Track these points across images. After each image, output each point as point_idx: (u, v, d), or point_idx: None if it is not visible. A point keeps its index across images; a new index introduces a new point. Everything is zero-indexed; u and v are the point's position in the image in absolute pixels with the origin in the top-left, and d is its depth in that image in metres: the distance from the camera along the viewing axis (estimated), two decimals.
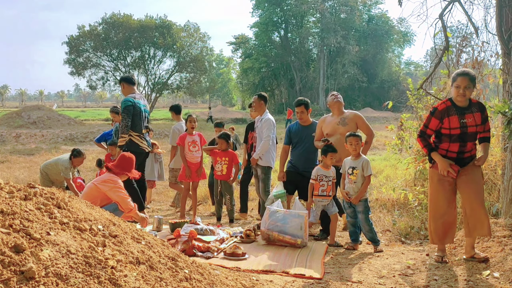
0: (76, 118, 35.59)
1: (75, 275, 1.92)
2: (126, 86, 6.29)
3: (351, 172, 5.00)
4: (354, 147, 4.98)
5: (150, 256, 2.47)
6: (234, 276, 3.26)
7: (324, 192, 5.33)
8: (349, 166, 5.03)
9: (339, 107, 5.71)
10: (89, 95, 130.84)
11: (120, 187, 4.98)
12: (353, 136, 5.02)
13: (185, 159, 6.56)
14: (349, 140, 5.02)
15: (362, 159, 5.03)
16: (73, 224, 2.33)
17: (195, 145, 6.58)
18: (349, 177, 5.00)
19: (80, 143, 21.27)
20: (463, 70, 4.22)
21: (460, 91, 4.06)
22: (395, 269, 4.22)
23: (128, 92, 6.24)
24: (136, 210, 5.10)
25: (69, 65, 42.62)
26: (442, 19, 5.69)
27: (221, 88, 77.46)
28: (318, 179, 5.34)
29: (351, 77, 50.19)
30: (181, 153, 6.63)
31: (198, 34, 47.18)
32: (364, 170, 5.00)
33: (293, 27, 53.51)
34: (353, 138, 4.99)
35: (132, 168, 5.24)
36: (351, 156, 5.08)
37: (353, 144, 4.98)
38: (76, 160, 7.17)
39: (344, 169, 5.09)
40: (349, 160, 5.08)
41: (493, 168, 5.75)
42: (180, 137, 6.64)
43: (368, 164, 5.03)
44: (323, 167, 5.38)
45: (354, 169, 4.98)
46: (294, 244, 5.00)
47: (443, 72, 6.56)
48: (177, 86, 46.67)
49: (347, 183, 5.05)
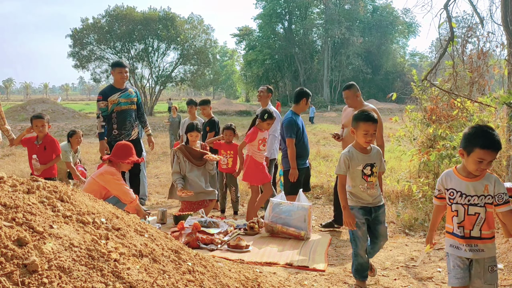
0: (80, 111, 35.71)
1: (78, 268, 1.93)
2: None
3: (369, 172, 3.51)
4: (370, 136, 3.46)
5: (153, 249, 2.47)
6: (238, 268, 3.27)
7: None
8: (366, 163, 3.51)
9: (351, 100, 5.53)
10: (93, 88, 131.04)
11: (118, 179, 4.90)
12: (371, 121, 3.45)
13: (253, 159, 5.82)
14: (364, 127, 3.44)
15: (375, 149, 3.63)
16: (76, 217, 2.33)
17: (265, 144, 5.88)
18: (368, 179, 3.51)
19: (85, 136, 21.25)
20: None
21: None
22: (398, 261, 4.22)
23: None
24: (137, 201, 5.08)
25: (73, 58, 42.62)
26: (447, 9, 5.63)
27: (225, 81, 77.33)
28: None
29: (356, 69, 49.97)
30: (240, 151, 6.09)
31: (202, 26, 47.02)
32: (380, 165, 3.64)
33: (297, 19, 53.25)
34: (371, 124, 3.45)
35: (129, 155, 5.09)
36: (353, 148, 3.57)
37: (369, 132, 3.44)
38: (73, 139, 6.86)
39: (346, 168, 3.53)
40: (359, 155, 3.52)
41: (498, 159, 5.71)
42: (252, 133, 5.80)
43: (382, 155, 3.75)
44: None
45: (373, 167, 3.53)
46: (298, 236, 5.00)
47: (448, 63, 6.51)
48: (181, 79, 46.61)
49: (361, 190, 3.52)
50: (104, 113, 5.94)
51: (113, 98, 5.94)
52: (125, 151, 5.10)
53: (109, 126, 5.98)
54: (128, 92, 6.08)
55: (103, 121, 5.95)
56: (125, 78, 6.07)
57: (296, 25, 53.42)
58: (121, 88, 6.05)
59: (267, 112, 5.76)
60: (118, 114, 5.97)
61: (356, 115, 3.54)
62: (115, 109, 5.95)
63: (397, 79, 50.43)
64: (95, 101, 6.31)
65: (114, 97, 5.95)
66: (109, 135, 6.00)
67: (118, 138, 5.94)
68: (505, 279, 3.59)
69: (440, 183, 2.87)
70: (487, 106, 6.16)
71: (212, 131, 6.99)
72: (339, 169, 3.54)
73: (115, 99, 5.95)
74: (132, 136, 6.11)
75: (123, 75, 6.01)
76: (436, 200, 2.95)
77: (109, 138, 5.99)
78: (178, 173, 5.99)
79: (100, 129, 5.96)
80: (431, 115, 7.32)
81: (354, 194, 3.54)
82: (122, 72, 6.00)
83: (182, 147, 6.07)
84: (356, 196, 3.54)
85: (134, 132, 6.17)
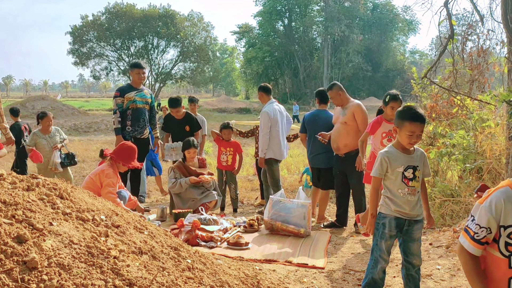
0: (80, 108, 35.68)
1: (78, 265, 1.93)
2: None
3: (411, 175, 3.02)
4: (416, 138, 2.98)
5: (153, 246, 2.48)
6: (237, 266, 3.28)
7: None
8: (408, 165, 3.02)
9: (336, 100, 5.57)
10: (93, 85, 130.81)
11: (110, 185, 4.80)
12: (419, 121, 2.95)
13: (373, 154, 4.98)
14: (410, 127, 2.94)
15: (419, 151, 3.14)
16: (76, 214, 2.33)
17: (390, 139, 4.73)
18: (409, 183, 3.01)
19: (84, 133, 21.36)
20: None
21: None
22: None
23: None
24: (123, 205, 4.95)
25: (73, 55, 42.66)
26: (447, 7, 5.63)
27: (225, 78, 77.22)
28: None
29: (356, 66, 49.92)
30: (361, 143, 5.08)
31: (202, 23, 47.02)
32: (424, 169, 3.13)
33: (297, 16, 53.16)
34: (419, 125, 2.94)
35: (131, 159, 5.06)
36: (393, 148, 3.09)
37: (416, 133, 2.95)
38: (43, 122, 6.73)
39: (383, 170, 3.06)
40: (400, 155, 3.04)
41: (498, 157, 5.71)
42: (374, 122, 5.01)
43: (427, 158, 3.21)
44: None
45: (416, 170, 3.04)
46: (297, 234, 5.01)
47: (448, 61, 6.50)
48: (180, 76, 46.65)
49: (401, 195, 3.02)
50: (120, 109, 6.09)
51: (129, 96, 6.11)
52: (129, 154, 5.09)
53: (124, 122, 6.12)
54: (144, 93, 6.29)
55: (119, 116, 6.10)
56: (142, 79, 6.31)
57: (296, 22, 53.34)
58: (138, 88, 6.26)
59: (388, 94, 4.83)
60: (133, 111, 6.12)
61: (402, 112, 3.02)
62: (130, 106, 6.11)
63: (397, 77, 50.39)
64: (95, 98, 6.39)
65: (130, 94, 6.13)
66: (123, 130, 6.13)
67: (132, 134, 6.11)
68: None
69: (490, 213, 1.80)
70: (487, 104, 6.16)
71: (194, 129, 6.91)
72: (375, 171, 3.07)
73: (132, 96, 6.12)
74: (144, 134, 6.25)
75: (140, 76, 6.24)
76: (474, 247, 1.85)
77: (123, 134, 6.11)
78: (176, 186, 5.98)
79: (117, 125, 6.10)
80: (431, 112, 7.31)
81: (391, 199, 3.04)
82: (139, 73, 6.22)
83: (180, 165, 6.11)
84: (393, 202, 3.04)
85: (146, 132, 6.31)
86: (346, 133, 5.37)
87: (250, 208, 6.85)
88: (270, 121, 6.02)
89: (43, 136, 6.61)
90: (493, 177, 5.77)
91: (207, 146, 11.42)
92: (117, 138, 6.07)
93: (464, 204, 5.59)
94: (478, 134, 6.09)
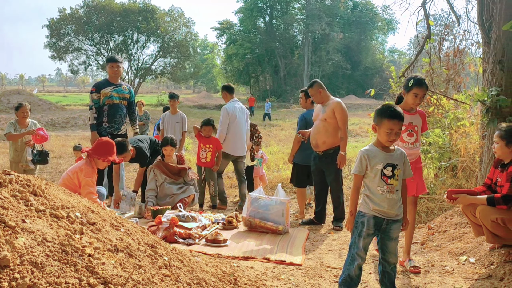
0: (57, 103, 34.99)
1: (51, 263, 1.90)
2: None
3: (390, 173, 3.06)
4: (394, 135, 3.03)
5: (129, 244, 2.45)
6: (215, 263, 3.28)
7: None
8: (387, 163, 3.06)
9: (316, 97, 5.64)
10: (71, 80, 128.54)
11: (90, 184, 4.71)
12: (397, 118, 3.01)
13: None
14: (388, 124, 3.01)
15: (400, 150, 3.17)
16: (50, 211, 2.29)
17: (412, 133, 4.00)
18: (388, 181, 3.05)
19: (62, 129, 20.99)
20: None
21: None
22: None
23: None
24: (103, 205, 4.86)
25: (50, 49, 41.79)
26: (424, 7, 5.72)
27: (205, 74, 76.78)
28: None
29: (335, 64, 50.25)
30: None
31: (183, 19, 46.65)
32: (405, 169, 3.17)
33: (278, 13, 53.21)
34: (397, 122, 3.01)
35: (109, 154, 4.90)
36: (373, 146, 3.14)
37: (394, 130, 3.01)
38: (19, 113, 6.44)
39: (363, 167, 3.09)
40: (380, 153, 3.09)
41: (472, 155, 5.84)
42: None
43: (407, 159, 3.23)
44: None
45: (395, 168, 3.07)
46: (276, 231, 5.03)
47: (425, 60, 6.61)
48: (160, 72, 46.20)
49: (380, 193, 3.05)
50: (96, 105, 6.06)
51: (106, 91, 6.09)
52: (106, 148, 4.92)
53: (100, 118, 6.08)
54: (122, 88, 6.26)
55: (95, 112, 6.06)
56: (118, 73, 6.26)
57: (277, 19, 53.37)
58: (115, 83, 6.22)
59: (412, 77, 4.00)
60: (109, 107, 6.10)
61: (381, 110, 3.07)
62: (106, 102, 6.08)
63: (376, 75, 50.93)
64: (72, 93, 6.35)
65: (107, 90, 6.10)
66: (99, 126, 6.09)
67: (108, 130, 6.08)
68: (476, 273, 3.69)
69: None
70: (462, 103, 6.29)
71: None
72: (355, 168, 3.11)
73: (108, 92, 6.09)
74: (121, 130, 6.24)
75: (115, 70, 6.21)
76: None
77: (99, 130, 6.07)
78: (154, 190, 6.03)
79: (92, 121, 6.07)
80: None
81: (370, 198, 3.07)
82: (113, 66, 6.20)
83: (159, 164, 6.10)
84: (372, 201, 3.06)
85: (124, 127, 6.29)
86: (325, 131, 5.40)
87: (229, 205, 6.85)
88: (229, 117, 6.47)
89: (19, 129, 6.46)
90: (467, 175, 5.90)
91: (187, 143, 11.36)
92: (92, 134, 6.01)
93: (439, 202, 5.70)
94: (453, 132, 6.21)
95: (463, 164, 5.91)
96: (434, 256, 4.20)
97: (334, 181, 5.49)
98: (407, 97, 3.95)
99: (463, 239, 4.35)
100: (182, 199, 5.88)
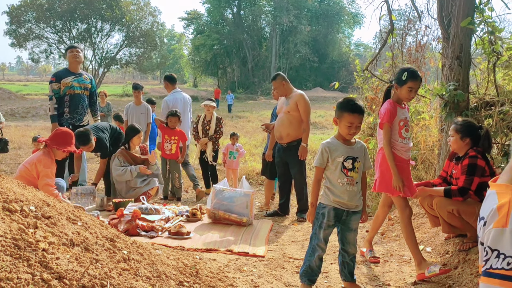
0: (17, 92, 33.83)
1: (3, 258, 1.84)
2: None
3: (350, 165, 3.09)
4: (354, 129, 3.07)
5: (86, 238, 2.40)
6: (176, 256, 3.25)
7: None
8: (347, 156, 3.10)
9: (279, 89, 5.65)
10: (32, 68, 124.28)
11: (48, 175, 4.60)
12: (357, 112, 3.05)
13: (395, 155, 3.68)
14: (349, 118, 3.04)
15: (360, 143, 3.23)
16: (2, 205, 2.22)
17: (408, 128, 3.74)
18: (348, 174, 3.09)
19: (22, 119, 20.33)
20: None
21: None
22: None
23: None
24: (61, 197, 4.75)
25: (10, 36, 40.25)
26: (387, 2, 5.80)
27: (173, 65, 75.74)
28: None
29: (303, 57, 50.53)
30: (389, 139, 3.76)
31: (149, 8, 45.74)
32: (365, 162, 3.22)
33: (246, 5, 52.94)
34: (357, 116, 3.05)
35: (67, 144, 4.80)
36: (335, 139, 3.17)
37: (354, 124, 3.05)
38: None
39: (324, 160, 3.13)
40: (341, 146, 3.12)
41: (431, 148, 6.01)
42: (389, 109, 3.62)
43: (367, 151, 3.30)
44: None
45: (356, 161, 3.11)
46: (240, 223, 5.04)
47: (389, 55, 6.73)
48: (126, 62, 45.26)
49: (340, 185, 3.09)
50: (57, 95, 5.90)
51: (66, 81, 5.93)
52: (65, 138, 4.81)
53: (61, 109, 5.93)
54: (83, 78, 6.12)
55: (55, 103, 5.90)
56: (77, 62, 6.09)
57: (245, 11, 53.11)
58: (76, 73, 6.07)
59: (406, 70, 3.64)
60: (70, 97, 5.95)
61: (341, 104, 3.10)
62: (67, 92, 5.93)
63: (342, 69, 51.51)
64: (34, 82, 6.19)
65: (67, 80, 5.94)
66: (61, 118, 5.93)
67: (70, 121, 5.94)
68: (433, 261, 3.81)
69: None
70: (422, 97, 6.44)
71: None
72: (316, 161, 3.15)
73: (68, 82, 5.94)
74: (83, 121, 6.11)
75: (74, 54, 6.04)
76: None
77: (61, 121, 5.92)
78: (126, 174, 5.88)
79: (53, 111, 5.91)
80: (371, 104, 7.56)
81: (331, 190, 3.11)
82: (73, 51, 6.04)
83: (124, 152, 6.02)
84: (332, 192, 3.09)
85: (86, 118, 6.16)
86: (289, 123, 5.43)
87: (193, 197, 6.81)
88: (168, 109, 6.62)
89: None
90: (427, 167, 6.07)
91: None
92: (53, 125, 5.85)
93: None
94: (414, 125, 6.37)
95: (423, 157, 6.08)
96: (393, 246, 4.31)
97: (298, 173, 5.55)
98: (400, 91, 3.63)
99: (420, 229, 4.49)
100: (146, 192, 5.81)
